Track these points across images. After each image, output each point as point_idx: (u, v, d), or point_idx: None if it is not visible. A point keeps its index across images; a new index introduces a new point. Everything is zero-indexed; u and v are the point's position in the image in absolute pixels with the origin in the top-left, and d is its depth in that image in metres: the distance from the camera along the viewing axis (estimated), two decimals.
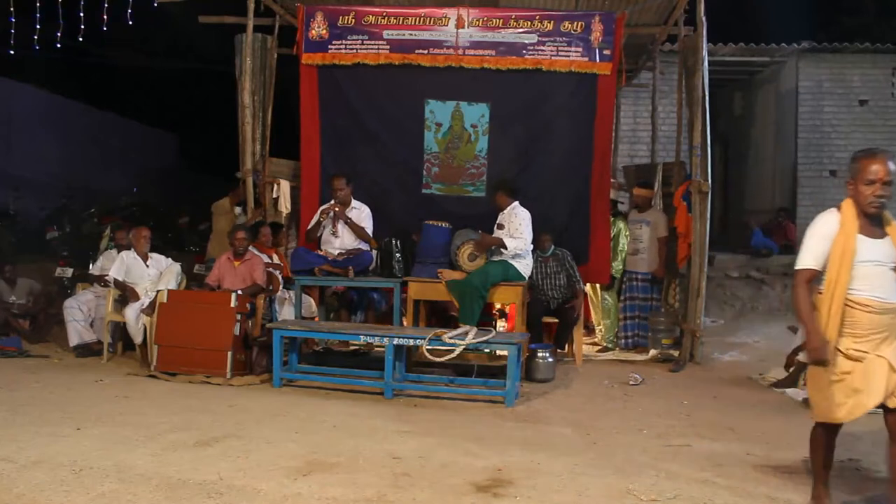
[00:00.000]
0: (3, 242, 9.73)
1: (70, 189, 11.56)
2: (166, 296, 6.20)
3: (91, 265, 7.57)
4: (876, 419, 3.29)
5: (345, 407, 5.11)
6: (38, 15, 6.78)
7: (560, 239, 7.12)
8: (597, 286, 7.78)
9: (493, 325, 7.26)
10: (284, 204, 7.69)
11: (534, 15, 7.37)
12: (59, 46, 7.00)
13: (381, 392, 5.44)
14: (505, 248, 6.40)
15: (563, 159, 7.44)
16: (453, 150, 7.52)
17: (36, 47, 6.96)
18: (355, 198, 6.98)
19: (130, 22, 6.73)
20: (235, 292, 6.22)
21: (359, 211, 6.94)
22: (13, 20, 6.82)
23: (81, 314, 6.93)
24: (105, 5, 6.77)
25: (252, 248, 6.83)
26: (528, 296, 6.78)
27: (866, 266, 3.11)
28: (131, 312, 6.53)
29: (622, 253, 7.70)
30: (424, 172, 7.52)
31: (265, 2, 7.63)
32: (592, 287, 7.80)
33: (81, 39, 6.93)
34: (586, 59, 7.27)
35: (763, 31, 11.33)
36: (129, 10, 6.66)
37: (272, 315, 6.85)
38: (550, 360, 6.12)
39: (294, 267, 6.77)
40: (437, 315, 7.25)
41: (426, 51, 7.38)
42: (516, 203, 6.63)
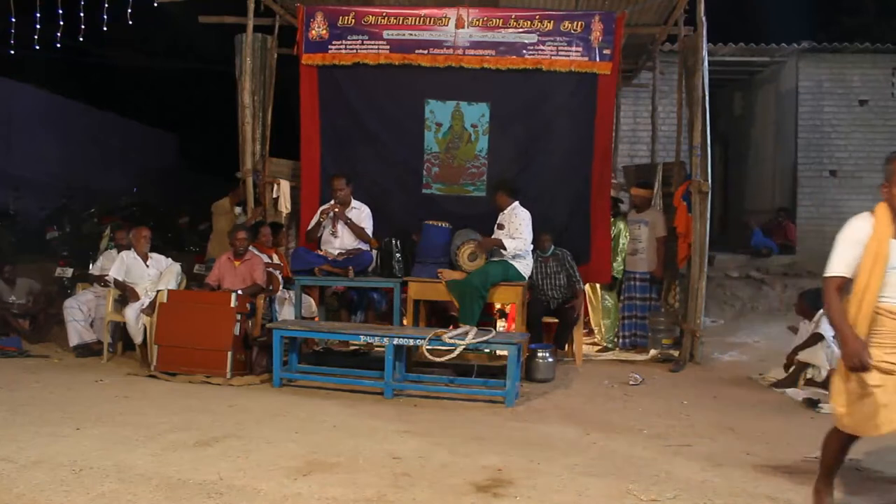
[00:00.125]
0: (3, 242, 9.73)
1: (70, 189, 11.55)
2: (166, 296, 6.20)
3: (91, 265, 7.56)
4: None
5: (345, 407, 5.11)
6: (38, 15, 6.76)
7: (560, 239, 7.12)
8: (596, 286, 7.79)
9: (493, 325, 7.25)
10: (284, 204, 7.70)
11: (534, 15, 7.37)
12: (59, 46, 6.98)
13: (381, 392, 5.44)
14: (504, 250, 6.41)
15: (564, 159, 7.44)
16: (453, 150, 7.52)
17: (36, 47, 6.95)
18: (355, 198, 6.99)
19: (130, 22, 6.72)
20: (235, 292, 6.22)
21: (359, 211, 6.94)
22: (13, 20, 6.80)
23: (81, 314, 6.93)
24: (105, 5, 6.77)
25: (252, 248, 6.83)
26: (528, 296, 6.78)
27: None
28: (131, 312, 6.53)
29: (622, 253, 7.72)
30: (424, 172, 7.52)
31: (265, 2, 7.64)
32: (592, 287, 7.80)
33: (81, 39, 6.93)
34: (586, 59, 7.28)
35: (763, 31, 11.33)
36: (129, 10, 6.66)
37: (272, 315, 6.85)
38: (550, 360, 6.12)
39: (294, 267, 6.78)
40: (437, 315, 7.26)
41: (426, 51, 7.38)
42: (516, 203, 6.63)
